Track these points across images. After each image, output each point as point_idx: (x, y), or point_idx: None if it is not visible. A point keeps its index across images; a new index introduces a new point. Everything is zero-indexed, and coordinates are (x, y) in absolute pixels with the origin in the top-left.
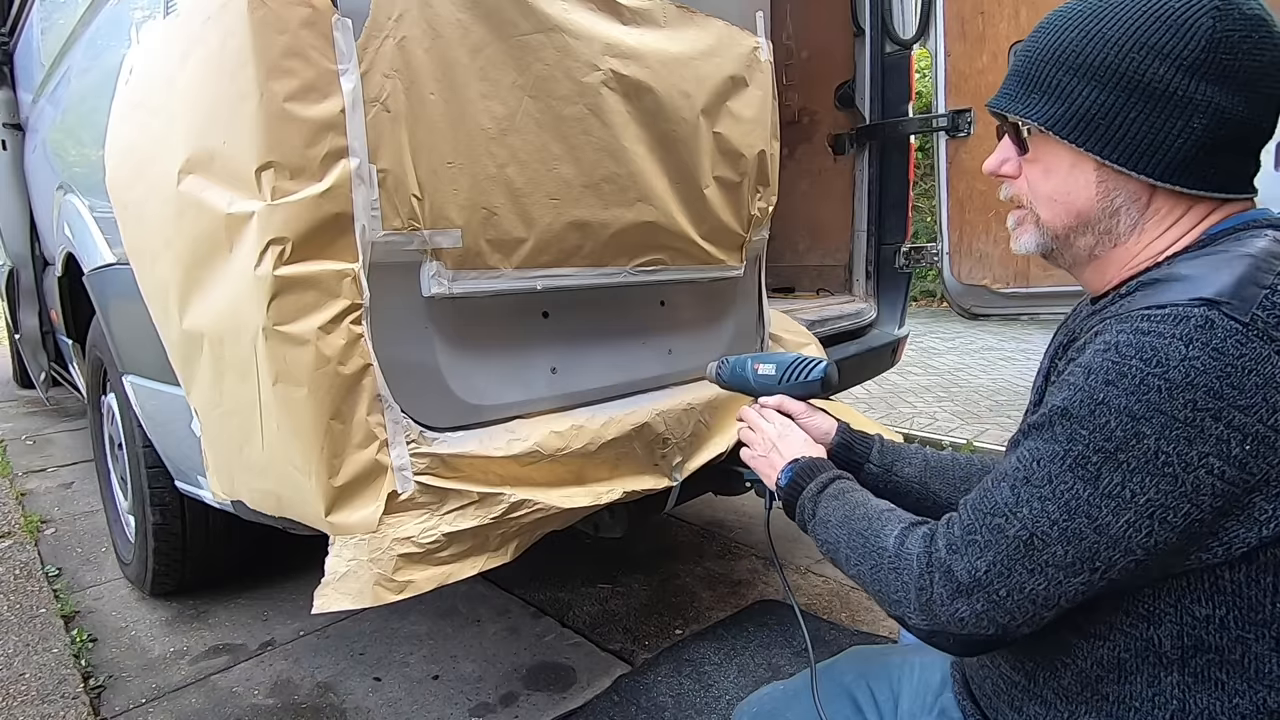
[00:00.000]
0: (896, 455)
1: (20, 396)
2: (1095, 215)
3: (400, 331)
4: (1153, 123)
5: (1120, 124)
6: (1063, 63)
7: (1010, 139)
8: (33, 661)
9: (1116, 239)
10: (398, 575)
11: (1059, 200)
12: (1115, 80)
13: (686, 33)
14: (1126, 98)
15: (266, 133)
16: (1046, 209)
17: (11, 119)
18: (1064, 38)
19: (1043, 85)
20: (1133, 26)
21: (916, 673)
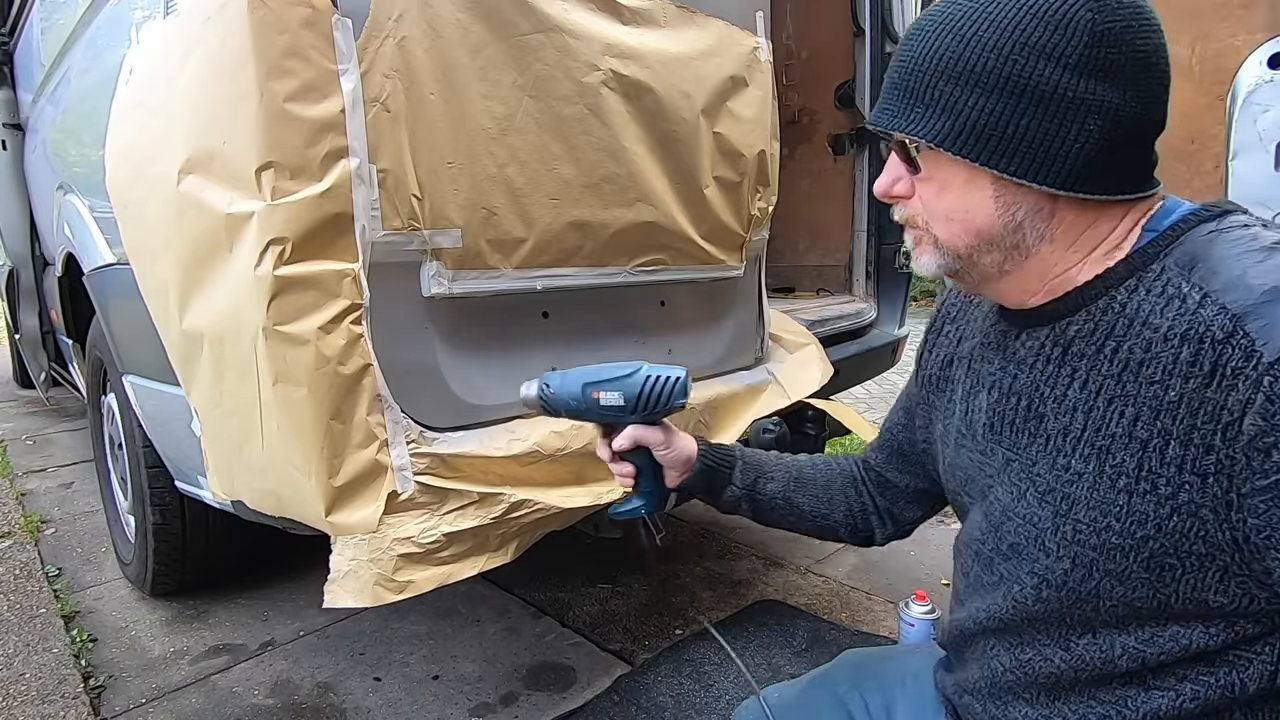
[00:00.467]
0: (759, 472)
1: (20, 396)
2: (997, 232)
3: (400, 331)
4: (1047, 129)
5: (1013, 133)
6: (944, 72)
7: (898, 157)
8: (33, 661)
9: (1026, 253)
10: (398, 575)
11: (956, 219)
12: (1002, 86)
13: (686, 33)
14: (1016, 104)
15: (266, 133)
16: (944, 228)
17: (11, 119)
18: (941, 45)
19: (926, 98)
20: (1012, 27)
21: (910, 682)
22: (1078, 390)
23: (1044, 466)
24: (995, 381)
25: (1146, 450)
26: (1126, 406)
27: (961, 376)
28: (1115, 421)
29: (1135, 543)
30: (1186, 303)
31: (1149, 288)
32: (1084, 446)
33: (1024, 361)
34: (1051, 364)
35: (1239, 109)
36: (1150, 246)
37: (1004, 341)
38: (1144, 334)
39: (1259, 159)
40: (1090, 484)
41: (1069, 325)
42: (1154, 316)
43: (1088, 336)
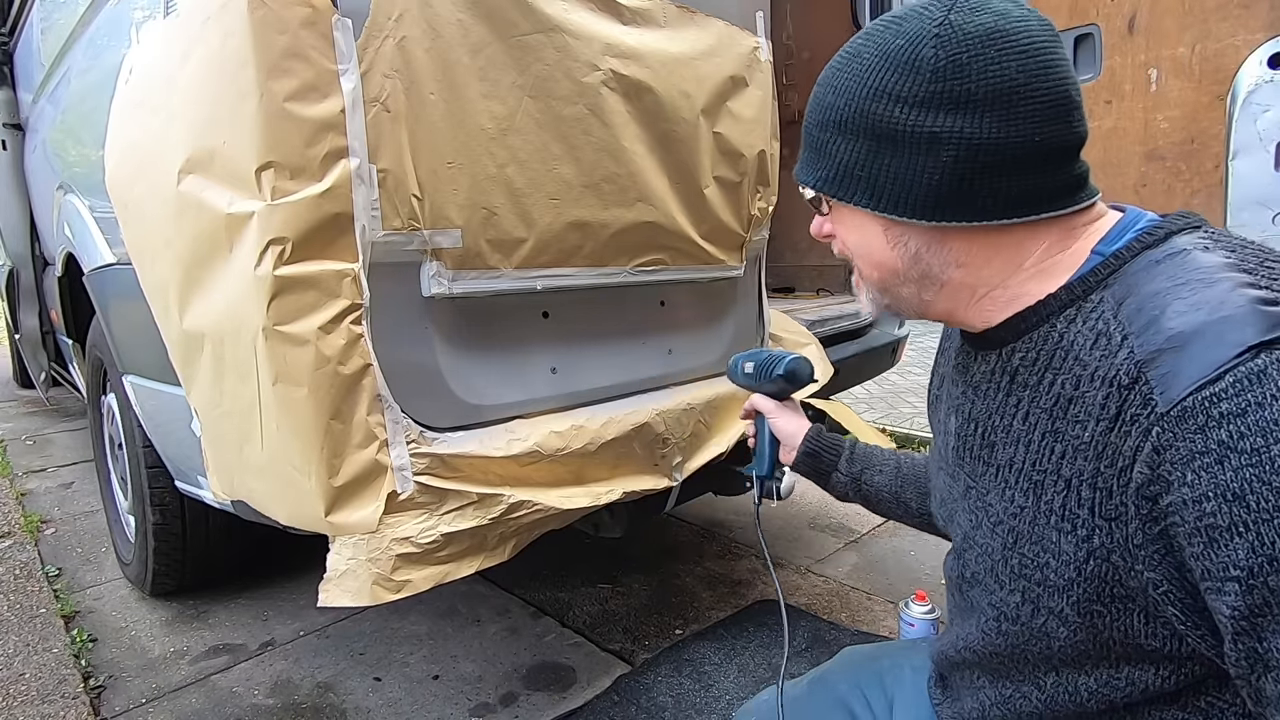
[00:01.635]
0: (867, 463)
1: (20, 396)
2: (899, 265)
3: (400, 331)
4: (901, 165)
5: (875, 173)
6: (824, 123)
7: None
8: (33, 661)
9: (938, 281)
10: (396, 575)
11: (863, 256)
12: (861, 130)
13: (686, 33)
14: (874, 145)
15: (266, 133)
16: (861, 266)
17: (11, 119)
18: (822, 97)
19: (815, 148)
20: (866, 74)
21: (909, 676)
22: (1020, 422)
23: (994, 496)
24: (959, 406)
25: (1069, 489)
26: (1056, 443)
27: (944, 398)
28: (1047, 458)
29: (1065, 583)
30: (1111, 343)
31: (1085, 319)
32: (1023, 480)
33: (979, 387)
34: (1000, 392)
35: (1239, 109)
36: (1092, 274)
37: (966, 364)
38: (1075, 370)
39: (1259, 158)
40: (1030, 518)
41: (1014, 352)
42: (1084, 353)
43: (1030, 366)
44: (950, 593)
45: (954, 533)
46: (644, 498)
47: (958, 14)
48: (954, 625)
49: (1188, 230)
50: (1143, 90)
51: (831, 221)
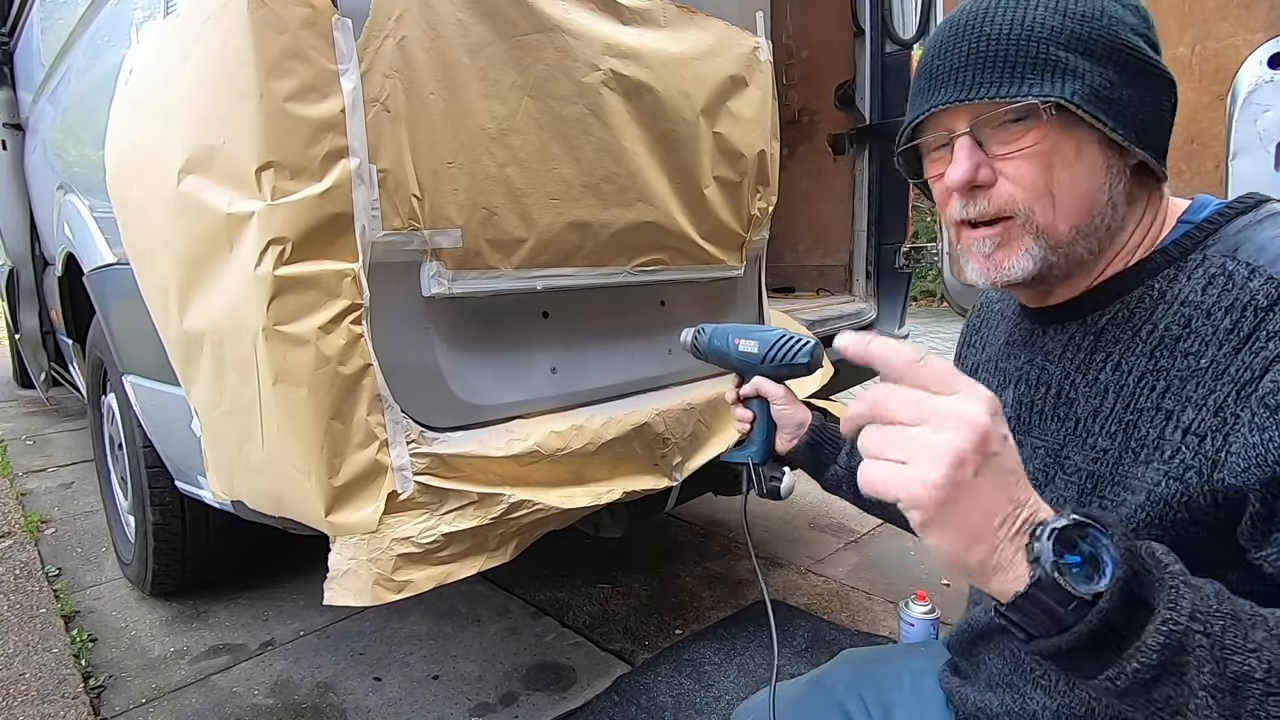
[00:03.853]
0: None
1: (20, 396)
2: (1101, 207)
3: (400, 331)
4: (1148, 99)
5: (1125, 99)
6: (1051, 40)
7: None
8: (33, 661)
9: (1111, 236)
10: (397, 575)
11: (1066, 194)
12: (1109, 55)
13: (686, 33)
14: (1121, 72)
15: (266, 133)
16: (1048, 209)
17: (11, 119)
18: (1036, 16)
19: (1038, 66)
20: (1100, 5)
21: (907, 681)
22: (1110, 372)
23: (1073, 449)
24: (1022, 375)
25: (1169, 419)
26: (1158, 381)
27: (988, 379)
28: (1145, 396)
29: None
30: (1234, 278)
31: (1190, 274)
32: (1111, 424)
33: (1052, 353)
34: (1083, 352)
35: (1239, 109)
36: (1186, 238)
37: (1031, 338)
38: (1183, 312)
39: (1259, 158)
40: (1115, 460)
41: (1101, 316)
42: (1194, 296)
43: (1122, 324)
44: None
45: None
46: (644, 498)
47: None
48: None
49: (1272, 201)
50: None
51: (1014, 157)
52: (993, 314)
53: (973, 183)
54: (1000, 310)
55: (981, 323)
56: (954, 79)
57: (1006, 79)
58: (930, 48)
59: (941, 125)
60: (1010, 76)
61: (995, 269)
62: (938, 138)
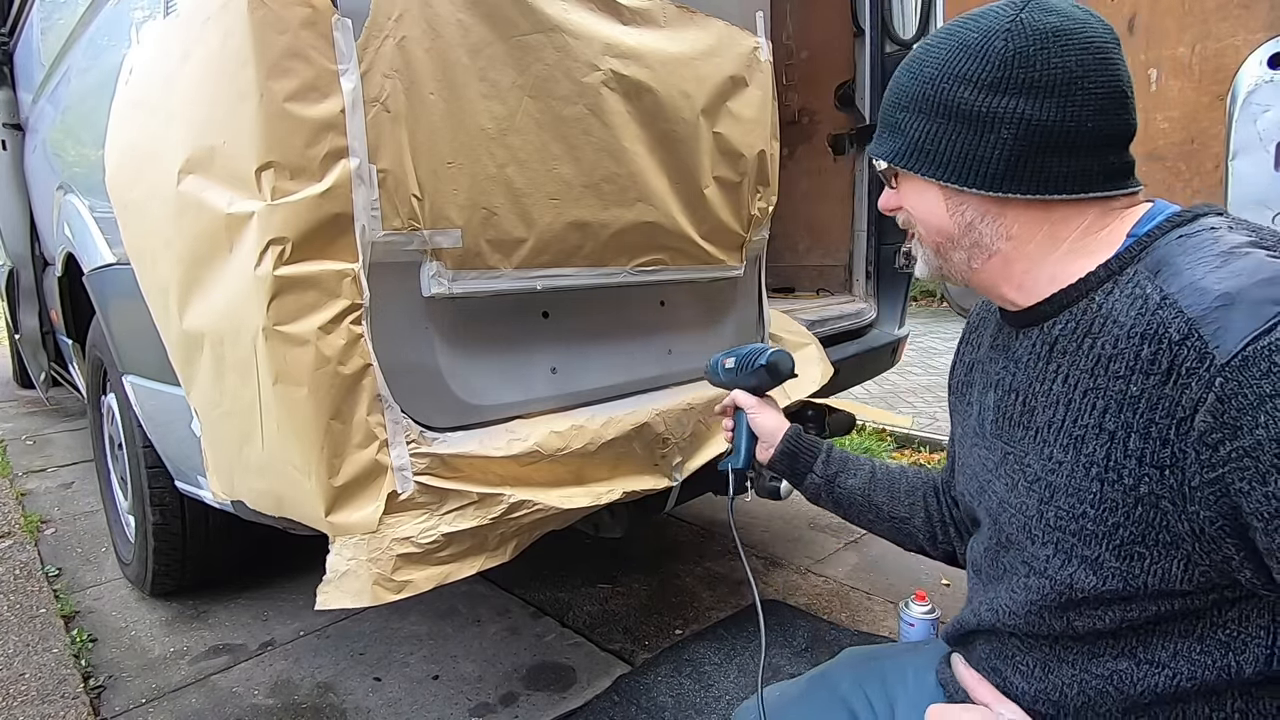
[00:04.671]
0: (842, 466)
1: (20, 396)
2: (955, 231)
3: (400, 331)
4: (968, 140)
5: (944, 147)
6: (899, 104)
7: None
8: (33, 661)
9: (988, 250)
10: (396, 575)
11: (924, 222)
12: (933, 109)
13: (686, 33)
14: (945, 123)
15: (266, 133)
16: (922, 229)
17: (11, 119)
18: (900, 83)
19: (890, 126)
20: (943, 60)
21: (911, 677)
22: (1060, 384)
23: (1033, 457)
24: (999, 380)
25: (1114, 441)
26: (1098, 399)
27: (977, 379)
28: (1088, 413)
29: (1107, 529)
30: (1148, 303)
31: (1122, 289)
32: (1063, 436)
33: (1020, 360)
34: (1041, 361)
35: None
36: (1127, 252)
37: (1007, 343)
38: (1113, 331)
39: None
40: (1069, 471)
41: (1054, 325)
42: (1121, 315)
43: (1070, 335)
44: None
45: (984, 506)
46: (644, 498)
47: (1028, 13)
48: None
49: (1212, 214)
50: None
51: (899, 194)
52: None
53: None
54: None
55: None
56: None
57: (878, 138)
58: None
59: None
60: (879, 137)
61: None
62: None
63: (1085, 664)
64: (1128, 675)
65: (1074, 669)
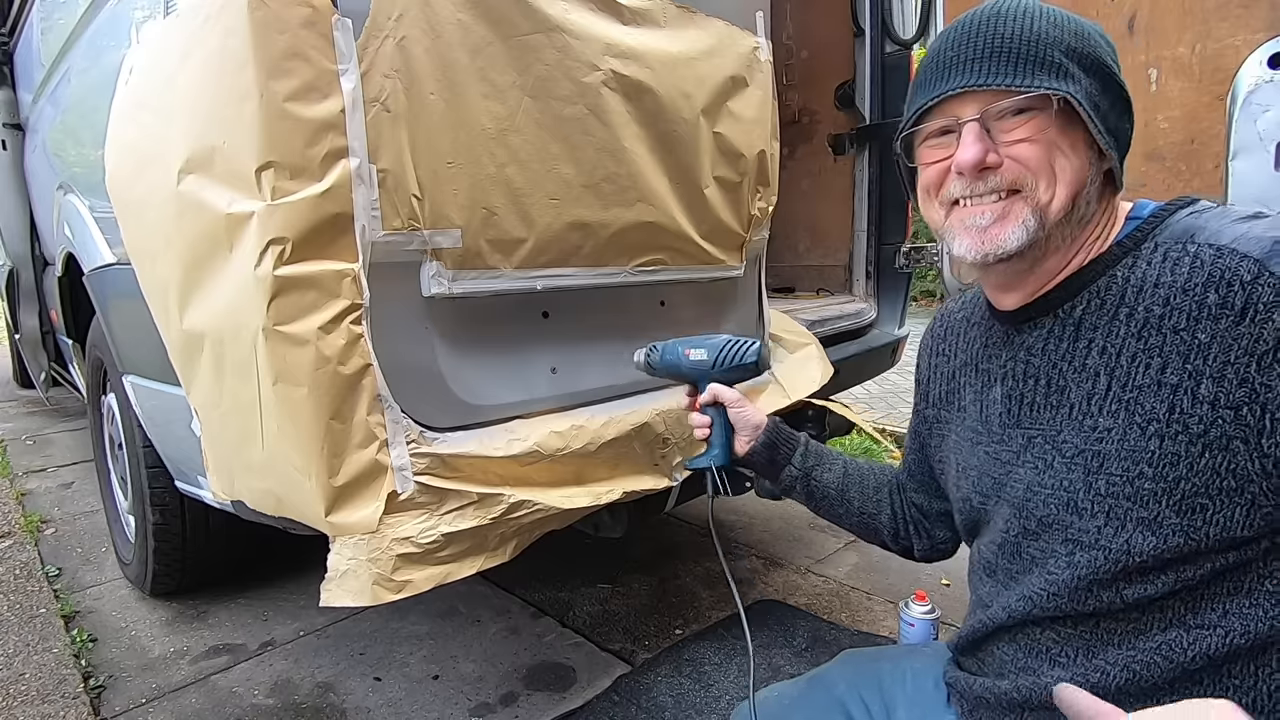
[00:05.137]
0: (818, 460)
1: (20, 396)
2: (1085, 195)
3: (400, 331)
4: (1120, 112)
5: (1105, 109)
6: (1056, 47)
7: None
8: (33, 661)
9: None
10: (396, 575)
11: (1061, 177)
12: (1097, 69)
13: (687, 33)
14: (1102, 90)
15: (266, 133)
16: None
17: (11, 119)
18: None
19: (1046, 67)
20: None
21: (909, 680)
22: (1097, 356)
23: (1070, 432)
24: (1007, 371)
25: (1177, 394)
26: (1152, 358)
27: (969, 382)
28: (1141, 374)
29: (1168, 485)
30: (1201, 258)
31: (1148, 260)
32: (1110, 403)
33: (1034, 348)
34: (1065, 341)
35: (1239, 109)
36: (1137, 232)
37: (1009, 337)
38: (1159, 293)
39: (1259, 159)
40: (1120, 436)
41: (1074, 308)
42: (1164, 277)
43: (1097, 311)
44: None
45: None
46: (645, 498)
47: None
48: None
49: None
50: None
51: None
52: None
53: (981, 164)
54: (966, 318)
55: (946, 331)
56: (969, 68)
57: (1020, 72)
58: (940, 42)
59: (949, 113)
60: (1022, 71)
61: (990, 241)
62: (944, 123)
63: (1132, 641)
64: (1177, 644)
65: (1119, 649)
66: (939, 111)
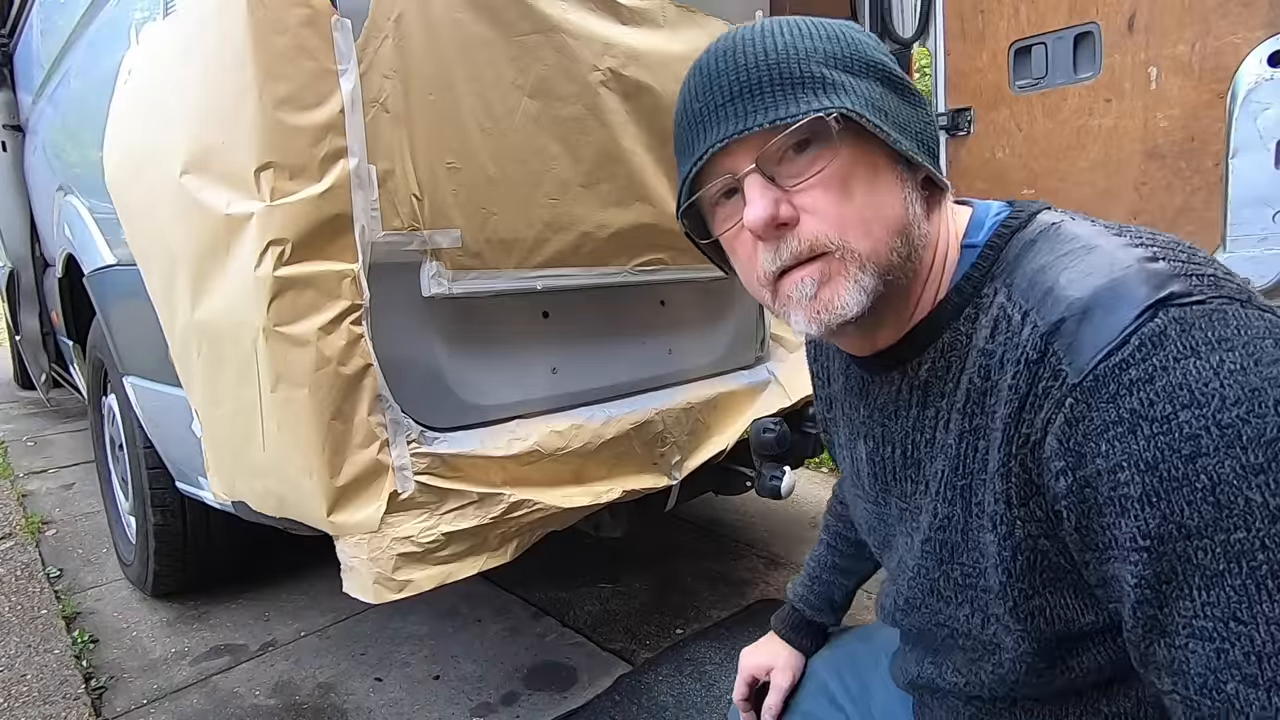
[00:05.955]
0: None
1: (21, 398)
2: (910, 225)
3: (400, 332)
4: (912, 110)
5: (895, 111)
6: (812, 58)
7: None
8: (34, 662)
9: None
10: (397, 574)
11: (873, 217)
12: (867, 71)
13: (686, 32)
14: (882, 88)
15: (265, 133)
16: (864, 235)
17: (11, 120)
18: (786, 44)
19: (812, 84)
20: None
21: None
22: (943, 432)
23: (926, 515)
24: (868, 431)
25: (998, 484)
26: (978, 440)
27: (840, 419)
28: (971, 458)
29: (1000, 587)
30: (1011, 324)
31: (984, 312)
32: (948, 489)
33: (886, 409)
34: (915, 408)
35: (1239, 107)
36: (974, 270)
37: (865, 388)
38: (981, 361)
39: (1259, 157)
40: (961, 526)
41: (919, 365)
42: (986, 343)
43: (941, 375)
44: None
45: (890, 558)
46: (645, 497)
47: None
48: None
49: (1044, 209)
50: (1142, 89)
51: (811, 188)
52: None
53: (775, 220)
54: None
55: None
56: (723, 115)
57: (781, 101)
58: (685, 95)
59: (722, 170)
60: (784, 98)
61: (825, 310)
62: (723, 183)
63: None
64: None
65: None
66: (711, 172)
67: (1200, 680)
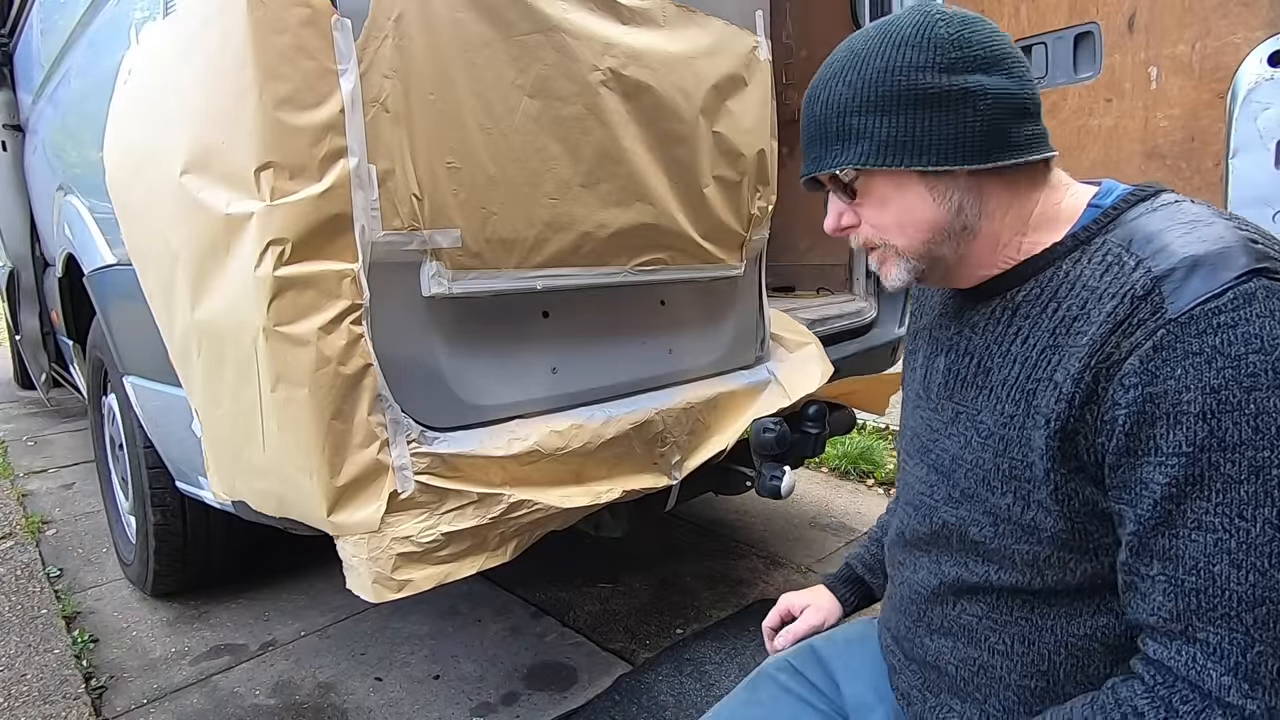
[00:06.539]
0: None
1: (21, 397)
2: (944, 220)
3: (400, 331)
4: (944, 121)
5: (920, 134)
6: (846, 112)
7: (836, 194)
8: (34, 662)
9: (973, 232)
10: (396, 574)
11: (906, 223)
12: (896, 103)
13: (686, 32)
14: (915, 112)
15: (265, 133)
16: (899, 236)
17: (11, 120)
18: (835, 93)
19: (839, 137)
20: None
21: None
22: (1019, 345)
23: (987, 414)
24: (952, 344)
25: (1056, 389)
26: (1054, 355)
27: (923, 345)
28: (1043, 369)
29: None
30: (1124, 268)
31: (1091, 257)
32: (1016, 391)
33: (976, 325)
34: (1000, 325)
35: (1239, 106)
36: (1093, 224)
37: (960, 310)
38: (1083, 294)
39: (1259, 156)
40: (1020, 424)
41: (1018, 293)
42: (1094, 280)
43: (1034, 301)
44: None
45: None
46: (645, 497)
47: (937, 8)
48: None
49: (1167, 190)
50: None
51: (859, 205)
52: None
53: (839, 229)
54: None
55: (921, 292)
56: (806, 154)
57: (824, 153)
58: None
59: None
60: (826, 150)
61: (886, 280)
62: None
63: (1065, 627)
64: (1109, 629)
65: (1054, 634)
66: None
67: (1192, 563)
